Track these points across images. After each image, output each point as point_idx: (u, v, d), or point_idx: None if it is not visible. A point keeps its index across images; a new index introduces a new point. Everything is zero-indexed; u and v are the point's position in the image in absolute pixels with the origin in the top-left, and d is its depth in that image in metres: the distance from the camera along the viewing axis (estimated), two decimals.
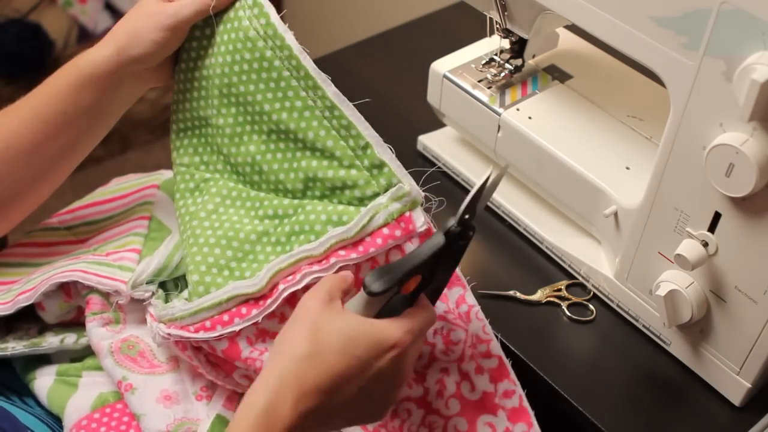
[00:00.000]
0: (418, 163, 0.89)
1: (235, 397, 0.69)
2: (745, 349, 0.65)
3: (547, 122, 0.78)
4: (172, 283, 0.74)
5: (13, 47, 1.82)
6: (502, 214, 0.83)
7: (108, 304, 0.71)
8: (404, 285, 0.57)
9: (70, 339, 0.72)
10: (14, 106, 0.70)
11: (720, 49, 0.56)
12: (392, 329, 0.55)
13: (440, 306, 0.66)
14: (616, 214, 0.72)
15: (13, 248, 0.78)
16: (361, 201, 0.65)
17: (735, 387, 0.67)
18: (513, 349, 0.72)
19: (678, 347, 0.71)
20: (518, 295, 0.76)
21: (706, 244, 0.63)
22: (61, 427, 0.69)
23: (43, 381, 0.71)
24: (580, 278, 0.77)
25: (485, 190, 0.59)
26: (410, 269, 0.56)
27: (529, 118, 0.78)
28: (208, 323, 0.65)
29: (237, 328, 0.64)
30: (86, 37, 1.99)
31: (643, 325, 0.73)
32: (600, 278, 0.75)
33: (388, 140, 0.91)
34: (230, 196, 0.70)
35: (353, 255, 0.63)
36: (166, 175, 0.84)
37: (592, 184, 0.73)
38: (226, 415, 0.68)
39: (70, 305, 0.73)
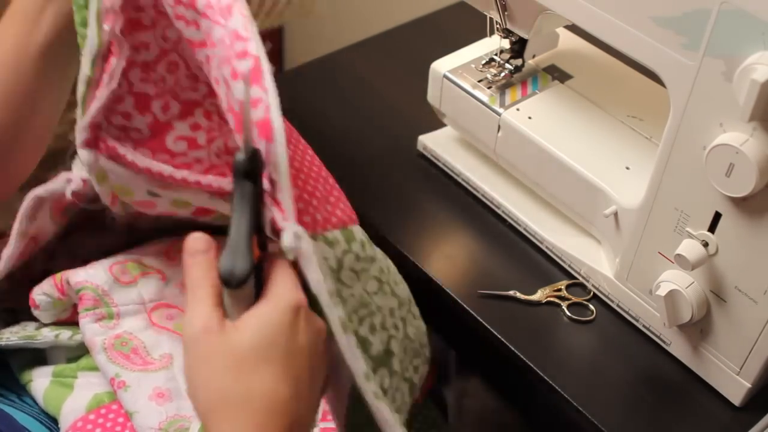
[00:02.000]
0: (418, 163, 0.89)
1: None
2: (745, 349, 0.65)
3: (547, 122, 0.78)
4: None
5: None
6: (502, 214, 0.83)
7: (101, 301, 0.71)
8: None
9: (65, 335, 0.72)
10: None
11: (720, 49, 0.56)
12: (279, 300, 0.50)
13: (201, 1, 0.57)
14: (616, 214, 0.72)
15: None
16: None
17: (735, 387, 0.67)
18: (513, 349, 0.72)
19: (678, 347, 0.71)
20: (518, 295, 0.76)
21: (706, 244, 0.63)
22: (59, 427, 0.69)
23: (40, 383, 0.71)
24: (580, 278, 0.77)
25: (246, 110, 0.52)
26: (249, 233, 0.50)
27: (529, 118, 0.78)
28: None
29: (114, 84, 0.61)
30: None
31: (643, 325, 0.73)
32: (600, 278, 0.75)
33: (388, 140, 0.92)
34: None
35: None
36: None
37: (592, 184, 0.73)
38: None
39: (64, 303, 0.73)
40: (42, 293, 0.71)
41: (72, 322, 0.75)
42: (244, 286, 0.49)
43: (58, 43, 0.67)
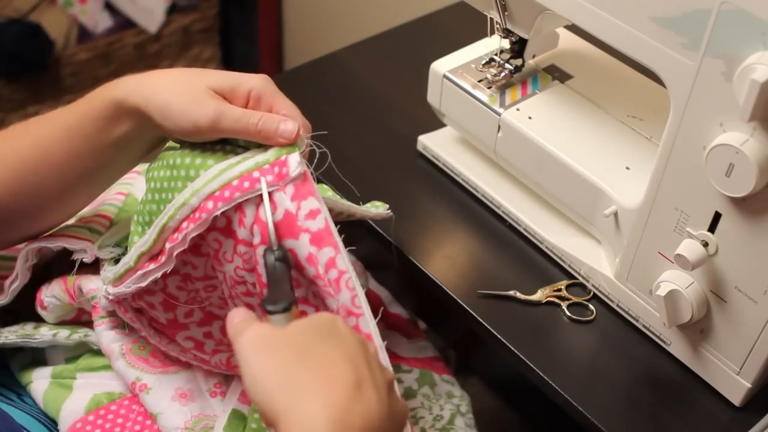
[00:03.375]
0: (418, 163, 0.89)
1: None
2: (745, 349, 0.65)
3: (547, 122, 0.78)
4: None
5: (13, 47, 1.81)
6: (502, 214, 0.83)
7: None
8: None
9: (62, 334, 0.72)
10: (51, 115, 0.67)
11: (720, 49, 0.56)
12: (317, 315, 0.54)
13: (309, 269, 0.61)
14: (616, 214, 0.72)
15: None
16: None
17: (735, 387, 0.67)
18: (513, 349, 0.72)
19: (678, 347, 0.71)
20: (518, 295, 0.76)
21: (706, 244, 0.63)
22: None
23: (39, 384, 0.71)
24: (580, 278, 0.77)
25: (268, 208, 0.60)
26: (288, 290, 0.56)
27: (529, 118, 0.78)
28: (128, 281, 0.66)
29: (144, 284, 0.64)
30: (86, 37, 1.99)
31: (643, 325, 0.73)
32: (600, 278, 0.75)
33: (388, 140, 0.92)
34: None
35: (220, 204, 0.60)
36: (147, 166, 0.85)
37: (592, 184, 0.73)
38: (241, 409, 0.69)
39: (73, 306, 0.73)
40: (52, 296, 0.71)
41: (74, 322, 0.75)
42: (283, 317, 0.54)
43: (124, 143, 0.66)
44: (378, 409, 0.49)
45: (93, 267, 0.72)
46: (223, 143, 0.63)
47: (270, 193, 0.60)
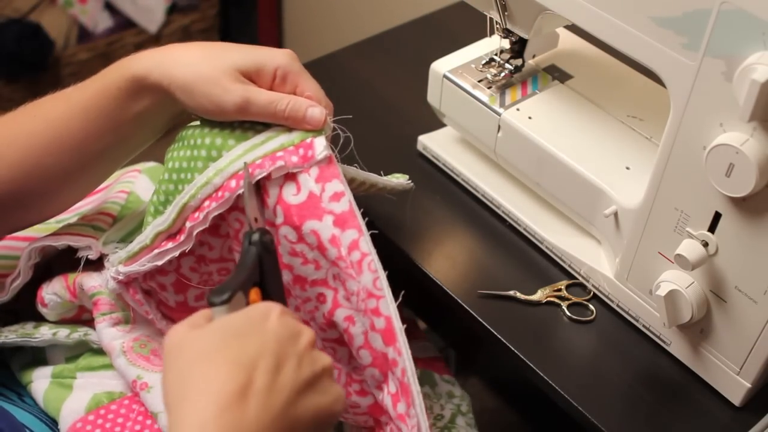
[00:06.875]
0: (418, 163, 0.89)
1: None
2: (745, 349, 0.65)
3: (547, 122, 0.78)
4: None
5: (13, 47, 1.82)
6: (502, 214, 0.83)
7: (117, 305, 0.71)
8: (248, 299, 0.55)
9: (62, 333, 0.72)
10: (65, 94, 0.66)
11: (720, 49, 0.56)
12: (255, 305, 0.53)
13: (331, 251, 0.61)
14: (616, 214, 0.72)
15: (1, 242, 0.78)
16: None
17: (735, 387, 0.67)
18: (513, 349, 0.72)
19: (678, 347, 0.71)
20: (518, 295, 0.76)
21: (706, 244, 0.63)
22: None
23: (40, 384, 0.71)
24: (580, 278, 0.77)
25: (248, 190, 0.59)
26: (243, 278, 0.54)
27: (529, 118, 0.78)
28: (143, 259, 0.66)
29: (159, 263, 0.64)
30: (86, 37, 1.99)
31: (643, 325, 0.73)
32: (600, 278, 0.75)
33: (388, 140, 0.92)
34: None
35: (242, 183, 0.60)
36: (148, 164, 0.86)
37: (592, 184, 0.73)
38: None
39: (74, 304, 0.73)
40: (53, 293, 0.71)
41: (74, 321, 0.75)
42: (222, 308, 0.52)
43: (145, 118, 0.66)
44: (263, 417, 0.47)
45: (93, 265, 0.72)
46: (242, 121, 0.64)
47: (294, 174, 0.61)
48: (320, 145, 0.61)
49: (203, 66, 0.61)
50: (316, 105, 0.63)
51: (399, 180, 0.76)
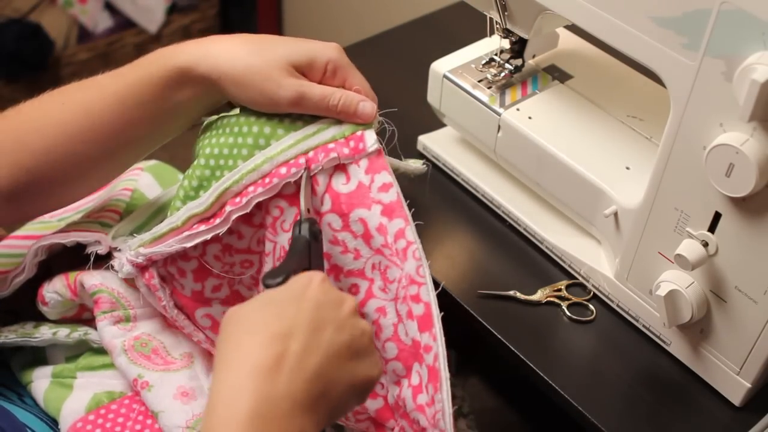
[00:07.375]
0: None
1: None
2: (745, 349, 0.65)
3: (547, 122, 0.78)
4: None
5: (13, 47, 1.82)
6: (502, 214, 0.83)
7: (118, 303, 0.71)
8: None
9: (62, 332, 0.72)
10: (96, 82, 0.65)
11: (720, 49, 0.56)
12: (298, 276, 0.55)
13: (377, 239, 0.64)
14: (616, 214, 0.72)
15: (5, 240, 0.78)
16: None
17: (735, 387, 0.67)
18: (513, 349, 0.72)
19: (678, 347, 0.71)
20: (518, 295, 0.76)
21: (706, 244, 0.63)
22: None
23: (40, 384, 0.71)
24: (580, 278, 0.77)
25: (306, 181, 0.62)
26: (295, 263, 0.57)
27: (529, 118, 0.78)
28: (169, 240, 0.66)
29: (189, 245, 0.65)
30: (86, 37, 1.99)
31: (643, 325, 0.73)
32: (600, 278, 0.75)
33: (388, 140, 0.92)
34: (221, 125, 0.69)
35: (293, 170, 0.62)
36: (150, 162, 0.86)
37: (592, 184, 0.73)
38: None
39: (74, 302, 0.73)
40: (53, 291, 0.71)
41: (75, 320, 0.75)
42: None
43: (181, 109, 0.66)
44: (296, 379, 0.49)
45: (98, 263, 0.72)
46: None
47: (344, 164, 0.63)
48: (371, 139, 0.64)
49: (254, 59, 0.62)
50: (367, 100, 0.65)
51: (417, 165, 0.79)
